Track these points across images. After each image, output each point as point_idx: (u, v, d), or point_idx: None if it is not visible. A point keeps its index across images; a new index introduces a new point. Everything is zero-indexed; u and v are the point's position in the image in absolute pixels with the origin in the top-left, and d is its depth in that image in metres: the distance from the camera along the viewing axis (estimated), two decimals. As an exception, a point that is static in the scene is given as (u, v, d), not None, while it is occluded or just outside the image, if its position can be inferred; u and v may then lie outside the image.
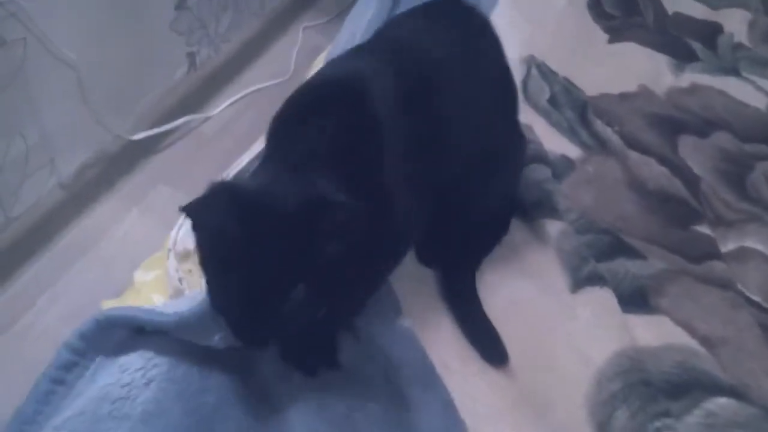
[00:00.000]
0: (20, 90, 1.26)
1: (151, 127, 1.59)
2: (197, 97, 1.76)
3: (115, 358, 0.74)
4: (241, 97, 1.78)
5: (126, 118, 1.54)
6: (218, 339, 0.72)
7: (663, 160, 1.14)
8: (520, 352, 0.84)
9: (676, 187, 1.10)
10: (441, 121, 0.80)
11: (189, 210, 0.66)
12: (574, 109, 1.21)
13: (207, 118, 1.73)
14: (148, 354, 0.73)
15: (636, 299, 0.93)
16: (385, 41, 0.87)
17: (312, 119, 0.72)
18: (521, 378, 0.82)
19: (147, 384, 0.71)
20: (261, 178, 0.70)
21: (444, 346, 0.83)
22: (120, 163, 1.55)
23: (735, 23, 1.52)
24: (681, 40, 1.45)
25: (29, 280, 1.36)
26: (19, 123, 1.30)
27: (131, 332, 0.77)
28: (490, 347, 0.84)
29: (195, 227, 0.66)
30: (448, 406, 0.78)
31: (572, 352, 0.85)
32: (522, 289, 0.91)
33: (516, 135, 0.94)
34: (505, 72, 0.90)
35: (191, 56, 1.74)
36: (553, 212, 0.98)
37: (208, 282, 0.67)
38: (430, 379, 0.80)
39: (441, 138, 0.79)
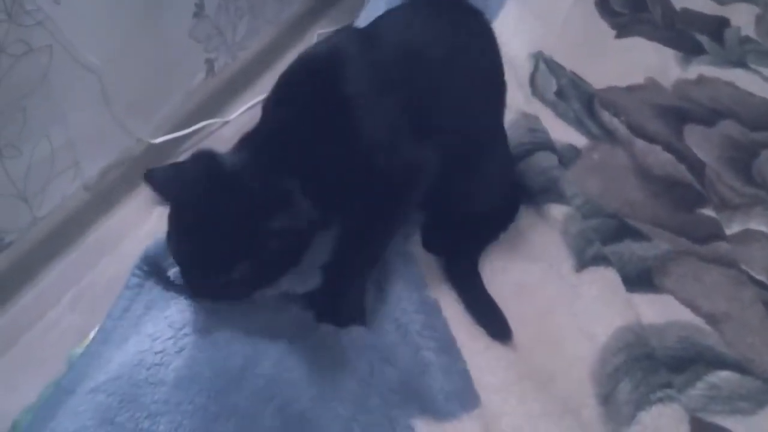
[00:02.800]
0: (46, 95, 1.32)
1: (172, 131, 1.64)
2: (215, 102, 1.81)
3: (142, 327, 0.78)
4: (258, 102, 1.81)
5: (147, 123, 1.59)
6: (173, 274, 0.82)
7: (669, 148, 1.15)
8: (527, 329, 0.86)
9: (682, 172, 1.11)
10: (429, 102, 0.83)
11: (149, 177, 0.77)
12: (581, 101, 1.24)
13: (225, 123, 1.77)
14: (177, 325, 0.78)
15: (641, 279, 0.95)
16: (371, 26, 0.90)
17: (289, 96, 0.80)
18: (527, 353, 0.84)
19: (179, 352, 0.75)
20: (239, 154, 0.77)
21: (454, 322, 0.85)
22: (142, 165, 1.59)
23: (742, 17, 1.54)
24: (688, 34, 1.47)
25: (55, 278, 1.41)
26: (45, 126, 1.35)
27: (153, 300, 0.81)
28: (494, 325, 0.86)
29: (157, 190, 0.76)
30: (462, 374, 0.81)
31: (577, 329, 0.87)
32: (528, 270, 0.93)
33: (501, 128, 0.97)
34: (496, 63, 0.92)
35: (209, 63, 1.80)
36: (560, 197, 1.00)
37: (168, 233, 0.76)
38: (449, 347, 0.83)
39: (430, 123, 0.83)
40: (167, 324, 0.78)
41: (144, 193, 1.58)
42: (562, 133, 1.15)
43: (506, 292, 0.89)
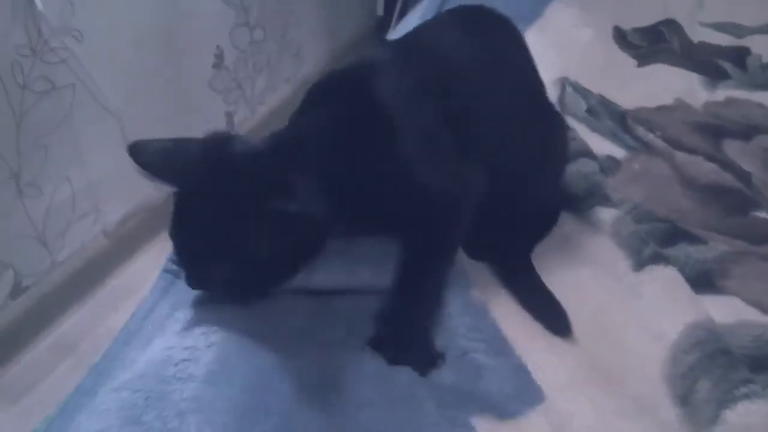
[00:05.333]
0: (68, 134, 1.31)
1: (192, 180, 1.62)
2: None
3: (168, 326, 0.73)
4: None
5: (167, 170, 1.57)
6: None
7: (711, 159, 1.12)
8: (588, 332, 0.80)
9: (728, 180, 1.07)
10: (466, 115, 0.80)
11: (133, 150, 0.69)
12: (613, 118, 1.21)
13: (245, 173, 1.76)
14: (207, 321, 0.73)
15: (702, 282, 0.89)
16: (403, 40, 0.90)
17: (319, 105, 0.76)
18: (592, 353, 0.77)
19: (209, 347, 0.69)
20: (258, 143, 0.72)
21: (509, 322, 0.79)
22: (161, 212, 1.56)
23: (762, 46, 1.53)
24: (710, 61, 1.46)
25: (72, 325, 1.36)
26: (66, 167, 1.33)
27: (180, 301, 0.77)
28: (553, 318, 0.80)
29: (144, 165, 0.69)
30: (519, 371, 0.73)
31: (642, 329, 0.80)
32: (581, 274, 0.88)
33: (553, 122, 0.93)
34: (530, 67, 0.92)
35: (229, 115, 1.80)
36: (606, 201, 0.96)
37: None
38: (501, 346, 0.76)
39: (469, 131, 0.80)
40: (196, 321, 0.72)
41: (164, 242, 1.55)
42: (599, 145, 1.11)
43: (560, 295, 0.83)
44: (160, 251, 1.51)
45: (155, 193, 1.57)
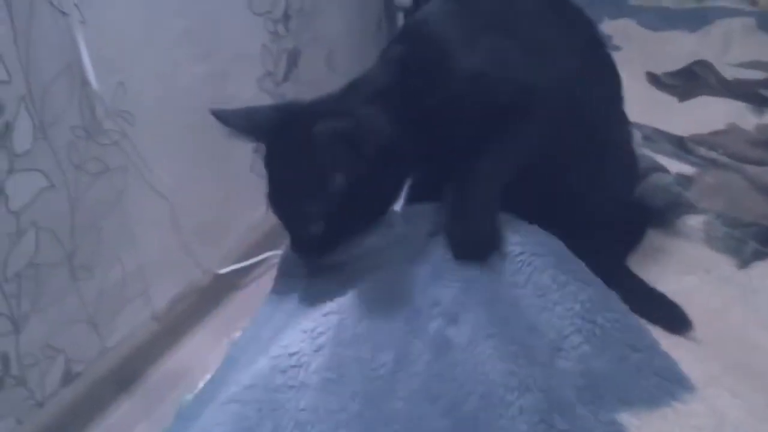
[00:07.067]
0: (120, 215, 1.29)
1: (237, 262, 1.59)
2: (278, 234, 1.77)
3: (271, 345, 0.67)
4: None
5: (214, 252, 1.54)
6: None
7: (783, 167, 1.08)
8: (711, 335, 0.73)
9: (810, 184, 1.03)
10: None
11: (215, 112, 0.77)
12: (671, 142, 1.19)
13: (288, 253, 1.73)
14: (309, 327, 0.67)
15: (814, 279, 0.83)
16: None
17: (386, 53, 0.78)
18: (720, 352, 0.70)
19: (317, 351, 0.64)
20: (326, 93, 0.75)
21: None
22: (209, 296, 1.53)
23: (799, 76, 1.53)
24: (752, 91, 1.46)
25: (123, 414, 1.28)
26: (118, 249, 1.30)
27: (280, 325, 0.71)
28: (670, 316, 0.73)
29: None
30: (663, 356, 0.67)
31: (765, 323, 0.73)
32: (683, 280, 0.82)
33: (622, 123, 0.89)
34: (605, 55, 0.86)
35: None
36: (692, 208, 0.91)
37: None
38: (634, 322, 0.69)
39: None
40: (300, 330, 0.67)
41: (211, 325, 1.50)
42: (666, 164, 1.08)
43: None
44: (206, 335, 1.46)
45: (202, 276, 1.54)
